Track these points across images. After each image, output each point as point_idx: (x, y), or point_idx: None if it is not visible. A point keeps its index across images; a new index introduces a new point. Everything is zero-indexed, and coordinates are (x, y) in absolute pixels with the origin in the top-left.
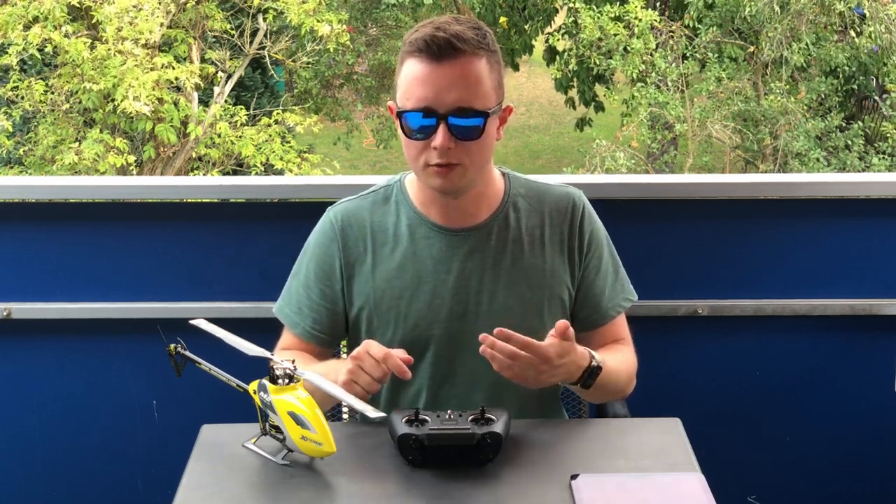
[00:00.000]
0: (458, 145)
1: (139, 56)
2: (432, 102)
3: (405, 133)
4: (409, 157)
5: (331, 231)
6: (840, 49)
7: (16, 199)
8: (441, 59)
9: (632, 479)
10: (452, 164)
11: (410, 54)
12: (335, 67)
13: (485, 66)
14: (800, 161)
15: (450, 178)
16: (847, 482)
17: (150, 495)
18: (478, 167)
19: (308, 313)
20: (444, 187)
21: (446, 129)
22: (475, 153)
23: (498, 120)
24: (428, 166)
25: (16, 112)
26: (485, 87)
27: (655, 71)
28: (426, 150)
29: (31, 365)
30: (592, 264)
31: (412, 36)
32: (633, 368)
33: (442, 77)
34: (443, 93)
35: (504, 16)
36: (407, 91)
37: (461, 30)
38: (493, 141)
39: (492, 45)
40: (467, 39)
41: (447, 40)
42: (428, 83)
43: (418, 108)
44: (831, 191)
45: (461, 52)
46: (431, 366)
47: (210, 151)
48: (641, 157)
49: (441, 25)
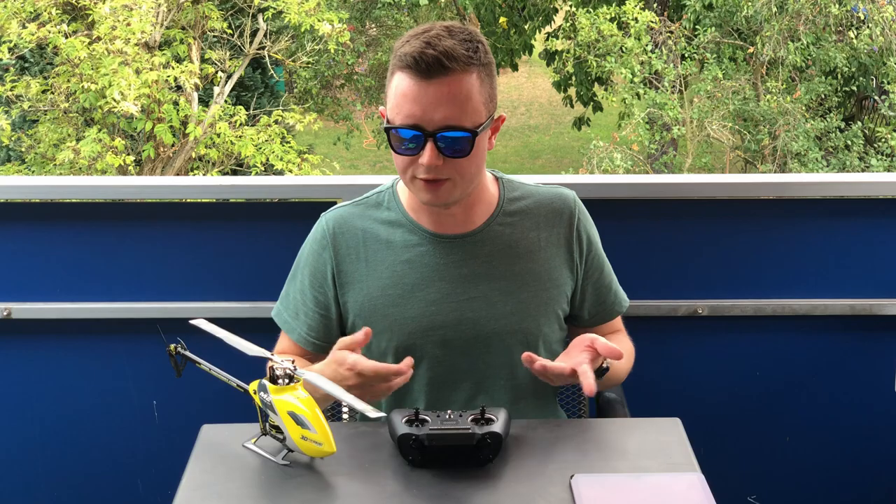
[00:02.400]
0: (447, 162)
1: (129, 55)
2: (420, 120)
3: (393, 147)
4: (398, 169)
5: (323, 239)
6: (839, 49)
7: (16, 199)
8: (430, 78)
9: (632, 479)
10: (441, 180)
11: (400, 68)
12: (335, 67)
13: (475, 81)
14: (799, 161)
15: (438, 192)
16: (847, 482)
17: (150, 495)
18: (468, 181)
19: (304, 319)
20: (432, 201)
21: (434, 146)
22: (464, 168)
23: (489, 131)
24: (416, 179)
25: (14, 111)
26: (474, 104)
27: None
28: (414, 164)
29: (31, 365)
30: (595, 264)
31: (402, 48)
32: (632, 359)
33: (430, 95)
34: (431, 111)
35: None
36: (396, 106)
37: (451, 45)
38: (483, 154)
39: (484, 58)
40: (457, 57)
41: (436, 58)
42: (416, 101)
43: (406, 124)
44: (831, 191)
45: (450, 70)
46: (428, 371)
47: (210, 151)
48: (640, 157)
49: (431, 40)
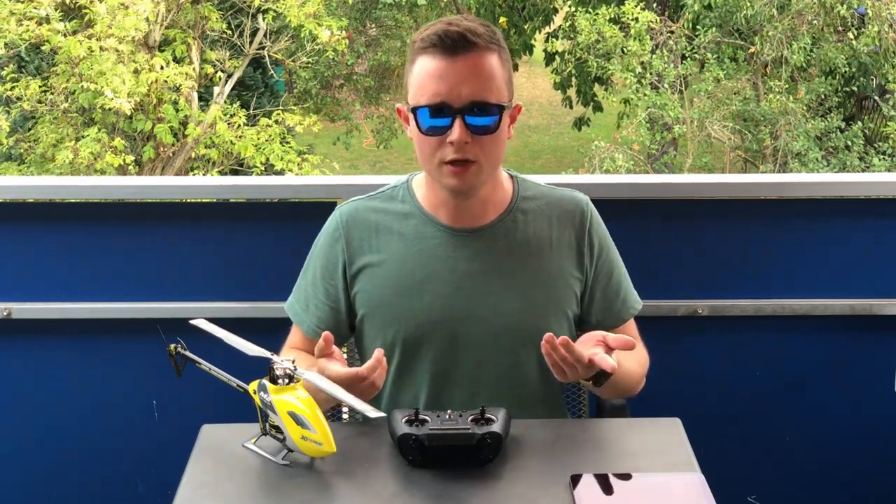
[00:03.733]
0: (474, 140)
1: (122, 52)
2: (447, 97)
3: (420, 129)
4: (422, 156)
5: (336, 231)
6: (839, 49)
7: (16, 199)
8: (455, 54)
9: (632, 479)
10: (469, 162)
11: (423, 51)
12: (335, 68)
13: (497, 61)
14: (799, 161)
15: (465, 177)
16: (847, 482)
17: (150, 495)
18: (492, 165)
19: (314, 311)
20: (458, 186)
21: (462, 123)
22: (490, 149)
23: (509, 118)
24: (443, 164)
25: (14, 111)
26: (498, 82)
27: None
28: (441, 146)
29: (31, 365)
30: (604, 269)
31: (423, 34)
32: (645, 368)
33: (456, 71)
34: (458, 87)
35: (504, 16)
36: (420, 88)
37: (473, 25)
38: (506, 138)
39: (501, 43)
40: (480, 34)
41: (461, 34)
42: (442, 78)
43: (433, 103)
44: (831, 191)
45: (475, 45)
46: (433, 364)
47: (209, 152)
48: (641, 157)
49: (453, 21)
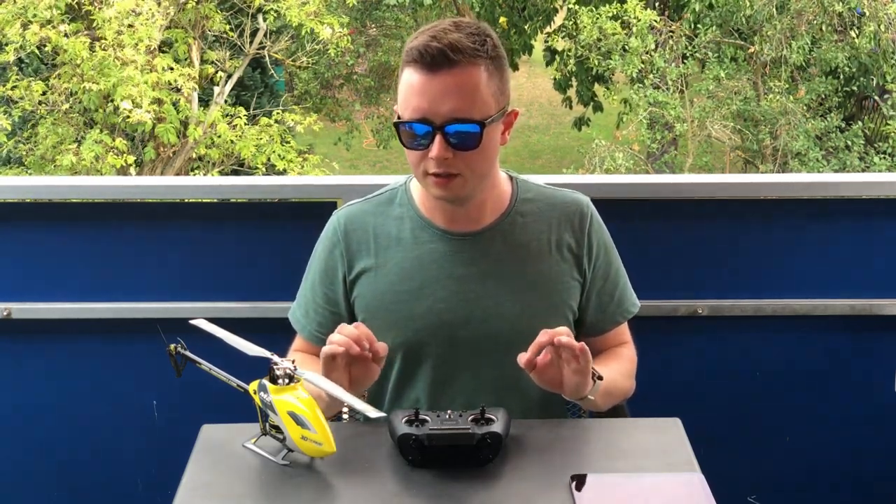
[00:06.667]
0: (457, 155)
1: (139, 62)
2: (427, 113)
3: (403, 142)
4: (411, 165)
5: (334, 236)
6: (840, 49)
7: (16, 199)
8: (435, 70)
9: (632, 479)
10: (452, 175)
11: (408, 63)
12: (335, 68)
13: (482, 73)
14: (799, 161)
15: (449, 188)
16: (847, 482)
17: (150, 495)
18: (479, 176)
19: (314, 317)
20: (444, 196)
21: (442, 139)
22: (474, 163)
23: (502, 125)
24: (427, 175)
25: (15, 112)
26: (482, 96)
27: (654, 71)
28: (425, 158)
29: (31, 365)
30: (601, 271)
31: (410, 44)
32: (632, 371)
33: (436, 88)
34: (437, 103)
35: (504, 16)
36: (405, 101)
37: (457, 38)
38: (495, 148)
39: (492, 51)
40: (463, 49)
41: (441, 50)
42: (423, 94)
43: (414, 118)
44: (831, 191)
45: (455, 62)
46: (433, 369)
47: (210, 152)
48: (641, 157)
49: (438, 34)
